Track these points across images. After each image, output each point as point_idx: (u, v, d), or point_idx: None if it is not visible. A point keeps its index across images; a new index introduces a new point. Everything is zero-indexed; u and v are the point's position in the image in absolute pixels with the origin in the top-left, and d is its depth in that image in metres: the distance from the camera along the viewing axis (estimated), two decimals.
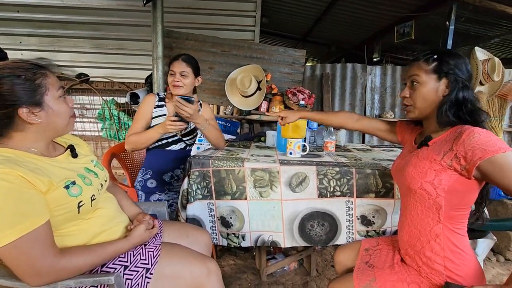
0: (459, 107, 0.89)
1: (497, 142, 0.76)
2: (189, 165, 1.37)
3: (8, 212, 0.68)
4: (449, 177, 0.84)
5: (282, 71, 3.23)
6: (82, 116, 3.67)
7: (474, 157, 0.77)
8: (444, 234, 0.87)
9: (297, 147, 1.50)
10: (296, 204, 1.33)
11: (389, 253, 1.07)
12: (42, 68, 0.83)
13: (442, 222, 0.87)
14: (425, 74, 0.93)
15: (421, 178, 0.89)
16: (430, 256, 0.89)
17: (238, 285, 1.73)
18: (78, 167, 0.92)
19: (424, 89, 0.93)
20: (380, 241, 1.15)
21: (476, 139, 0.79)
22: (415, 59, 0.97)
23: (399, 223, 1.04)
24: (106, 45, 3.65)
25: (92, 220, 0.89)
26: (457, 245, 0.87)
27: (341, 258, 1.19)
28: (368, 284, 0.93)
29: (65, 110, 0.87)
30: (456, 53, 0.93)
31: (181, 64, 1.59)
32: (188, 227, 1.25)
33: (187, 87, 1.62)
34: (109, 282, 0.79)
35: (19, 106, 0.76)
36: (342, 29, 5.10)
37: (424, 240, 0.91)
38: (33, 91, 0.79)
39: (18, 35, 3.62)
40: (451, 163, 0.83)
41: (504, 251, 2.17)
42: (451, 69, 0.90)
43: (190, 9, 3.53)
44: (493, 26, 4.05)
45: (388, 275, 0.94)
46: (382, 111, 3.29)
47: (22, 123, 0.79)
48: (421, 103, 0.95)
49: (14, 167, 0.71)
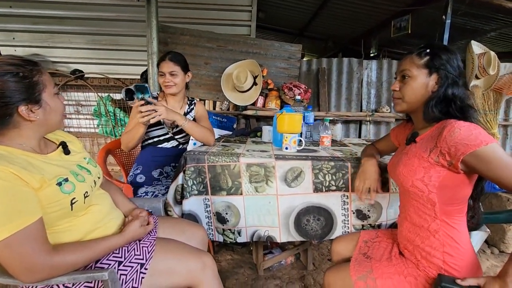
0: (446, 104, 0.89)
1: (479, 136, 0.77)
2: (184, 160, 1.36)
3: (0, 210, 0.68)
4: (438, 173, 0.84)
5: (278, 66, 3.21)
6: (78, 112, 3.64)
7: (458, 152, 0.78)
8: (442, 230, 0.88)
9: (293, 142, 1.50)
10: (292, 199, 1.34)
11: (388, 246, 1.07)
12: (36, 64, 0.82)
13: (438, 218, 0.88)
14: (416, 68, 0.93)
15: (411, 176, 0.89)
16: (430, 251, 0.89)
17: (236, 280, 1.74)
18: (71, 164, 0.91)
19: (414, 83, 0.93)
20: (380, 233, 1.15)
21: (457, 135, 0.79)
22: (408, 53, 0.96)
23: (399, 219, 1.05)
24: (101, 41, 3.60)
25: (85, 216, 0.89)
26: (456, 240, 0.87)
27: (338, 248, 1.19)
28: (365, 275, 0.93)
29: (59, 106, 0.88)
30: (449, 48, 0.93)
31: (169, 63, 1.59)
32: (184, 223, 1.25)
33: (179, 85, 1.64)
34: (103, 278, 0.79)
35: (19, 104, 0.77)
36: (339, 23, 5.09)
37: (423, 236, 0.91)
38: (32, 88, 0.79)
39: (11, 31, 3.56)
40: (437, 159, 0.84)
41: (499, 243, 2.19)
42: (442, 65, 0.89)
43: (185, 3, 3.49)
44: (489, 20, 4.05)
45: (386, 267, 0.95)
46: (378, 105, 3.29)
47: (19, 120, 0.79)
48: (410, 97, 0.95)
49: (6, 164, 0.71)
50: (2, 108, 0.75)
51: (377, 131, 3.33)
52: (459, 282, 0.77)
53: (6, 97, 0.74)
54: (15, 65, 0.77)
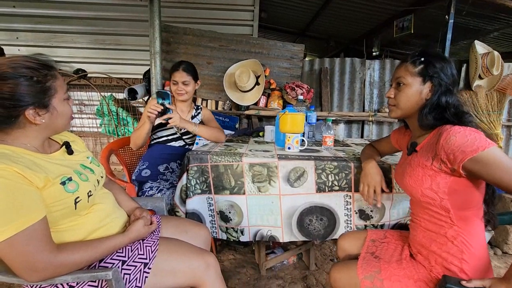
0: (440, 111, 0.90)
1: (475, 141, 0.77)
2: (188, 160, 1.36)
3: (4, 209, 0.68)
4: (445, 180, 0.84)
5: (280, 66, 3.20)
6: (81, 112, 3.65)
7: (456, 159, 0.78)
8: (461, 236, 0.86)
9: (296, 142, 1.50)
10: (295, 199, 1.33)
11: (397, 247, 1.06)
12: (52, 69, 0.82)
13: (456, 224, 0.86)
14: (411, 76, 0.94)
15: (419, 186, 0.89)
16: (447, 257, 0.88)
17: (238, 280, 1.74)
18: (74, 163, 0.91)
19: (408, 91, 0.95)
20: (388, 234, 1.15)
21: (453, 142, 0.79)
22: (403, 60, 0.98)
23: (411, 223, 1.03)
24: (104, 41, 3.61)
25: (89, 215, 0.89)
26: (474, 247, 0.85)
27: (344, 245, 1.19)
28: (372, 275, 0.93)
29: (68, 111, 0.88)
30: (444, 57, 0.94)
31: (182, 74, 1.71)
32: (187, 222, 1.25)
33: (190, 93, 1.77)
34: (107, 277, 0.79)
35: (27, 107, 0.76)
36: (341, 23, 5.07)
37: (441, 242, 0.90)
38: (43, 93, 0.79)
39: (15, 30, 3.57)
40: (440, 166, 0.84)
41: (502, 244, 2.18)
42: (436, 73, 0.90)
43: (187, 3, 3.49)
44: (492, 20, 4.02)
45: (395, 269, 0.94)
46: (381, 105, 3.28)
47: (24, 122, 0.79)
48: (404, 104, 0.97)
49: (10, 164, 0.71)
50: (9, 109, 0.75)
51: (379, 131, 3.31)
52: (464, 283, 0.76)
53: (15, 100, 0.74)
54: (31, 68, 0.77)
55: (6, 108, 0.74)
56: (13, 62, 0.75)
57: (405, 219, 1.35)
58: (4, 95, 0.73)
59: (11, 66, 0.74)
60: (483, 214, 0.89)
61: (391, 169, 1.29)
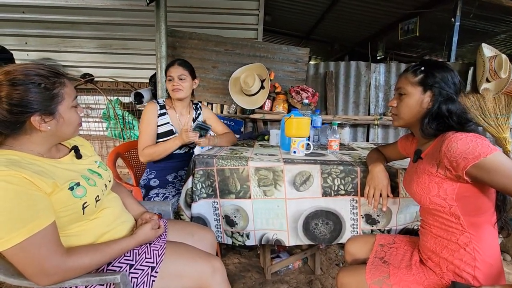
0: (441, 120, 0.91)
1: (477, 148, 0.76)
2: (193, 164, 1.37)
3: (14, 214, 0.69)
4: (452, 186, 0.84)
5: (285, 70, 3.21)
6: (87, 116, 3.69)
7: (459, 166, 0.78)
8: (473, 243, 0.85)
9: (301, 146, 1.50)
10: (300, 203, 1.33)
11: (406, 253, 1.05)
12: (62, 76, 0.83)
13: (467, 230, 0.85)
14: (411, 86, 0.95)
15: (426, 193, 0.89)
16: (459, 264, 0.86)
17: (243, 284, 1.73)
18: (82, 168, 0.92)
19: (409, 100, 0.96)
20: (397, 239, 1.14)
21: (454, 149, 0.79)
22: (405, 70, 1.00)
23: (421, 229, 1.03)
24: (111, 45, 3.66)
25: (97, 220, 0.90)
26: (487, 254, 0.84)
27: (352, 249, 1.18)
28: (381, 280, 0.92)
29: (75, 119, 0.88)
30: (445, 66, 0.95)
31: (178, 68, 1.64)
32: (193, 226, 1.26)
33: (187, 90, 1.68)
34: (115, 281, 0.80)
35: (33, 114, 0.77)
36: (346, 26, 5.07)
37: (452, 249, 0.89)
38: (50, 100, 0.79)
39: (24, 35, 3.64)
40: (446, 173, 0.84)
41: (511, 250, 2.14)
42: (436, 83, 0.91)
43: (193, 8, 3.53)
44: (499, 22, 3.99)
45: (404, 275, 0.93)
46: (387, 109, 3.26)
47: (30, 128, 0.79)
48: (406, 114, 0.98)
49: (19, 170, 0.72)
50: (16, 115, 0.75)
51: (385, 135, 3.29)
52: None
53: (22, 106, 0.75)
54: (41, 75, 0.78)
55: (14, 114, 0.75)
56: (26, 69, 0.77)
57: (412, 224, 1.34)
58: (13, 101, 0.74)
59: (24, 72, 0.76)
60: (495, 220, 0.87)
61: (398, 173, 1.29)
